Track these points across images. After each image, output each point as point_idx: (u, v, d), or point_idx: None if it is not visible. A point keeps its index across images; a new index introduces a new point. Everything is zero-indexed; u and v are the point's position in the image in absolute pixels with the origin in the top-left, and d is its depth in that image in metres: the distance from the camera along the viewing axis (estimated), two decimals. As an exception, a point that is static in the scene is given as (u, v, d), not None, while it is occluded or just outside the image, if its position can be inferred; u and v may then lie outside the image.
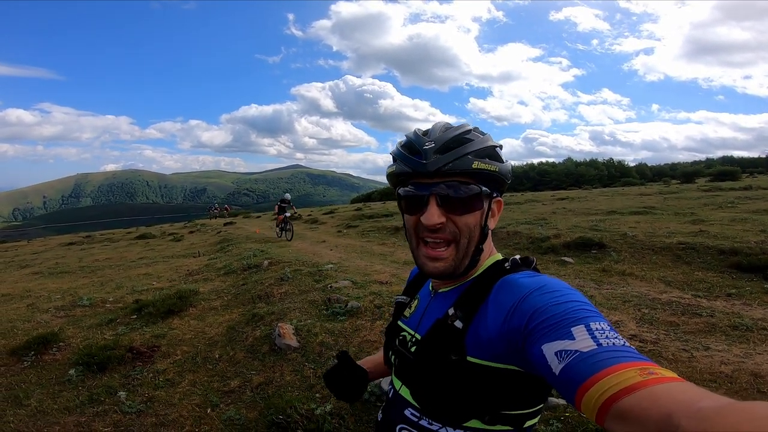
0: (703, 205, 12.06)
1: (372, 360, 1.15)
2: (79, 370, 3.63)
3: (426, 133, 0.81)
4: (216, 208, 35.31)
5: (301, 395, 2.74)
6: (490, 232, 0.82)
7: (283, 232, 13.39)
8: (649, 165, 71.58)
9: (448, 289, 0.83)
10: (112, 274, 9.48)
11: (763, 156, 67.28)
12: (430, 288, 0.89)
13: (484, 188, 0.77)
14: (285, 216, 13.36)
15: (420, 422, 0.77)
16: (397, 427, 0.81)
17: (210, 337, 4.40)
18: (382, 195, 64.00)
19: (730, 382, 2.37)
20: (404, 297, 0.98)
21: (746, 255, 5.60)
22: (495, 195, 0.80)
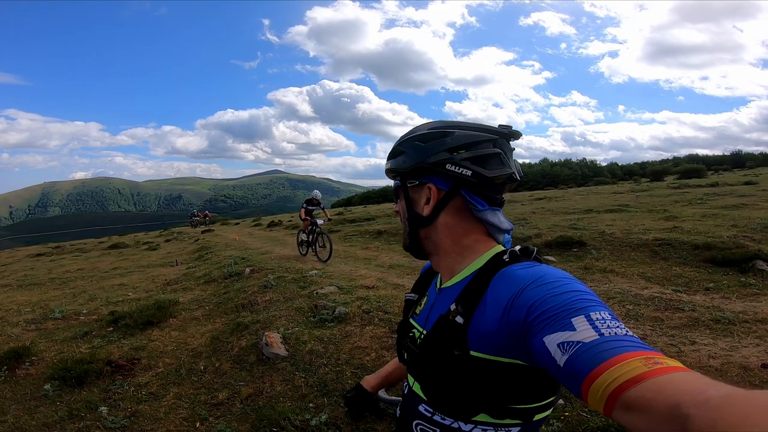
0: (674, 202, 12.48)
1: (378, 375, 1.24)
2: (55, 385, 3.45)
3: None
4: (198, 215, 33.85)
5: (294, 406, 2.65)
6: (439, 221, 0.84)
7: (312, 247, 9.21)
8: (620, 164, 73.80)
9: (451, 284, 0.84)
10: (84, 285, 9.10)
11: (727, 154, 70.44)
12: (436, 283, 0.91)
13: (395, 182, 0.91)
14: (315, 224, 9.25)
15: (434, 417, 0.78)
16: (414, 423, 0.83)
17: (193, 348, 4.25)
18: (363, 199, 63.83)
19: (720, 376, 2.42)
20: (413, 294, 1.01)
21: (720, 249, 5.80)
22: (414, 182, 0.86)
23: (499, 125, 0.84)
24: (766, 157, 62.58)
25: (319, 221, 9.27)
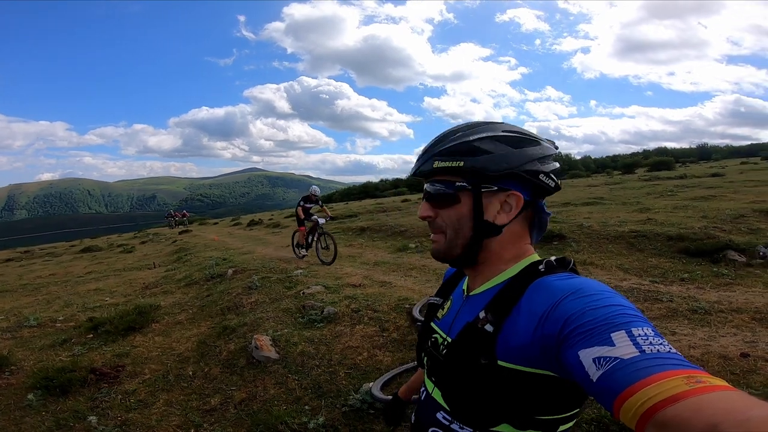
0: (646, 194, 12.88)
1: (408, 384, 1.23)
2: (39, 395, 3.35)
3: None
4: (177, 215, 31.35)
5: (290, 409, 2.64)
6: (507, 228, 0.78)
7: (312, 248, 8.55)
8: (593, 157, 75.62)
9: (480, 291, 0.81)
10: (58, 291, 8.79)
11: (693, 146, 73.42)
12: (464, 289, 0.88)
13: (458, 184, 0.77)
14: (317, 223, 8.39)
15: (451, 426, 0.76)
16: (429, 430, 0.80)
17: (179, 353, 4.18)
18: (343, 195, 63.46)
19: (701, 366, 2.53)
20: (437, 298, 0.97)
21: (692, 240, 6.03)
22: (492, 188, 0.77)
23: (545, 139, 0.85)
24: (731, 150, 65.23)
25: (321, 220, 8.41)
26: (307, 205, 9.05)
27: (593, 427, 2.11)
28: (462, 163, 0.77)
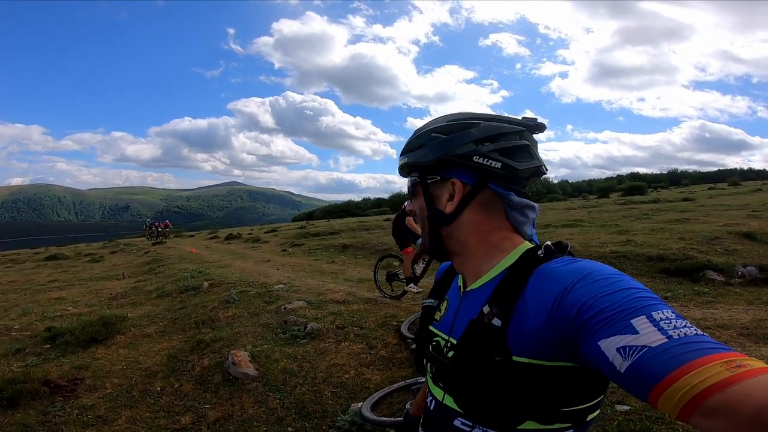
0: (623, 217, 13.22)
1: (416, 400, 1.10)
2: (-16, 406, 3.04)
3: None
4: (158, 225, 28.10)
5: (271, 430, 2.43)
6: (464, 218, 0.77)
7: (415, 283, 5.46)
8: (570, 181, 77.80)
9: (478, 286, 0.77)
10: (16, 298, 8.29)
11: (664, 172, 76.78)
12: (459, 286, 0.84)
13: (411, 178, 0.85)
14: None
15: (474, 431, 0.71)
16: None
17: (146, 367, 3.89)
18: (325, 213, 63.06)
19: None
20: (432, 300, 0.92)
21: (672, 261, 6.12)
22: (435, 178, 0.80)
23: (523, 117, 0.81)
24: (699, 176, 68.62)
25: None
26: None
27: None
28: (406, 159, 0.84)
